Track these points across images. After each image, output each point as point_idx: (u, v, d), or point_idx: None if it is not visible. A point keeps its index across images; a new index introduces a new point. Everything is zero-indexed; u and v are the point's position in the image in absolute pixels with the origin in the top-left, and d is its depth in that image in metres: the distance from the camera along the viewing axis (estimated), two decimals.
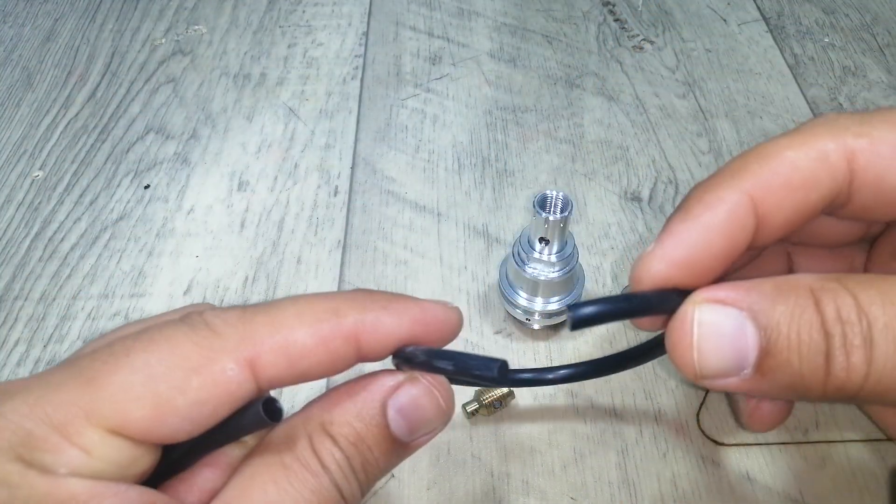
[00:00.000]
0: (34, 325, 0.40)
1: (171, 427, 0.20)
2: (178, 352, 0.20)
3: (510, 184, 0.47)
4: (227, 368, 0.20)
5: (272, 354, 0.21)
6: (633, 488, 0.33)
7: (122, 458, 0.20)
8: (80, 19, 0.61)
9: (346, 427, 0.22)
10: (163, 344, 0.20)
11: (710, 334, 0.21)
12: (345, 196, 0.46)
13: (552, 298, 0.37)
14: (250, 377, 0.20)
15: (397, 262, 0.42)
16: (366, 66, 0.56)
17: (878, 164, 0.22)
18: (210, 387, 0.20)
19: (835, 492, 0.33)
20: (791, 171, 0.22)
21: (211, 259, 0.43)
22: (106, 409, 0.19)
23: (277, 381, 0.21)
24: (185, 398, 0.20)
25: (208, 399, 0.20)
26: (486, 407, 0.35)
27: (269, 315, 0.21)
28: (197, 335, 0.21)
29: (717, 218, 0.22)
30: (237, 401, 0.21)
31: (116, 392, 0.19)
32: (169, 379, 0.20)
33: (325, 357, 0.21)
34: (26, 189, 0.47)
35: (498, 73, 0.55)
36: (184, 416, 0.20)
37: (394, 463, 0.23)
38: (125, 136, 0.51)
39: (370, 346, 0.22)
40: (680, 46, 0.57)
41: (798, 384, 0.20)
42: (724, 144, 0.49)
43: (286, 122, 0.51)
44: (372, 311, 0.22)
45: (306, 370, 0.21)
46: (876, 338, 0.19)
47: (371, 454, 0.22)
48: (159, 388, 0.19)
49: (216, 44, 0.58)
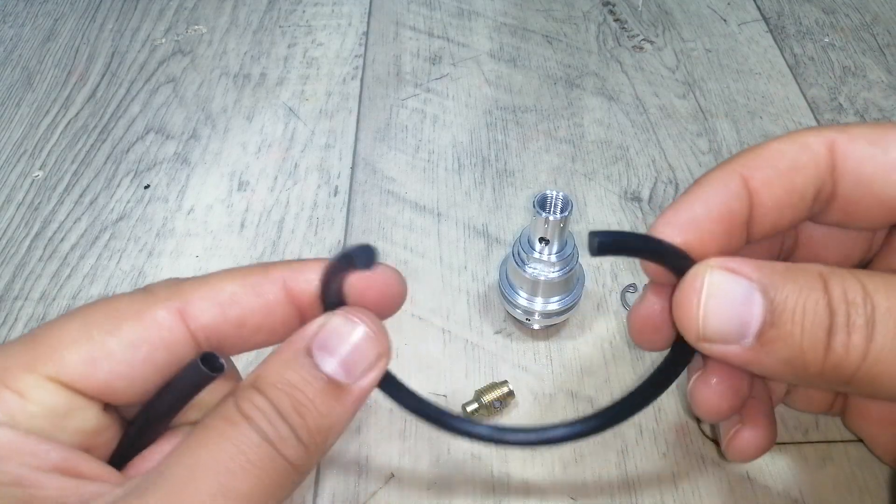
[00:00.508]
0: (34, 325, 0.40)
1: (107, 371, 0.21)
2: (113, 306, 0.22)
3: (510, 184, 0.47)
4: (158, 314, 0.22)
5: (202, 301, 0.22)
6: (633, 488, 0.33)
7: (57, 404, 0.20)
8: (80, 19, 0.61)
9: (273, 376, 0.21)
10: (101, 304, 0.22)
11: (717, 296, 0.22)
12: (345, 196, 0.46)
13: (552, 298, 0.37)
14: (181, 322, 0.22)
15: (397, 262, 0.42)
16: (366, 66, 0.56)
17: (857, 152, 0.24)
18: (141, 330, 0.21)
19: (835, 492, 0.33)
20: (776, 155, 0.24)
21: (211, 259, 0.43)
22: (42, 357, 0.20)
23: (212, 330, 0.22)
24: (117, 341, 0.21)
25: (140, 342, 0.21)
26: (486, 407, 0.35)
27: (201, 277, 0.23)
28: (132, 295, 0.22)
29: (712, 188, 0.24)
30: (171, 346, 0.22)
31: (53, 341, 0.21)
32: (101, 325, 0.21)
33: (256, 302, 0.23)
34: (26, 189, 0.47)
35: (498, 73, 0.55)
36: (118, 359, 0.21)
37: (339, 408, 0.22)
38: (125, 136, 0.51)
39: (299, 287, 0.23)
40: (680, 46, 0.57)
41: (797, 360, 0.21)
42: (724, 144, 0.49)
43: (286, 122, 0.51)
44: (296, 263, 0.24)
45: (240, 317, 0.23)
46: (878, 321, 0.20)
47: (303, 395, 0.21)
48: (92, 332, 0.21)
49: (216, 44, 0.58)
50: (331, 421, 0.21)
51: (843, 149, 0.24)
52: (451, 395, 0.36)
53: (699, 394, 0.26)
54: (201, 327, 0.22)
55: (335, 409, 0.22)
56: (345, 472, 0.33)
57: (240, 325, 0.23)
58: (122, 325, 0.21)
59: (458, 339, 0.39)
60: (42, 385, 0.20)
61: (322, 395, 0.21)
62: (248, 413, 0.20)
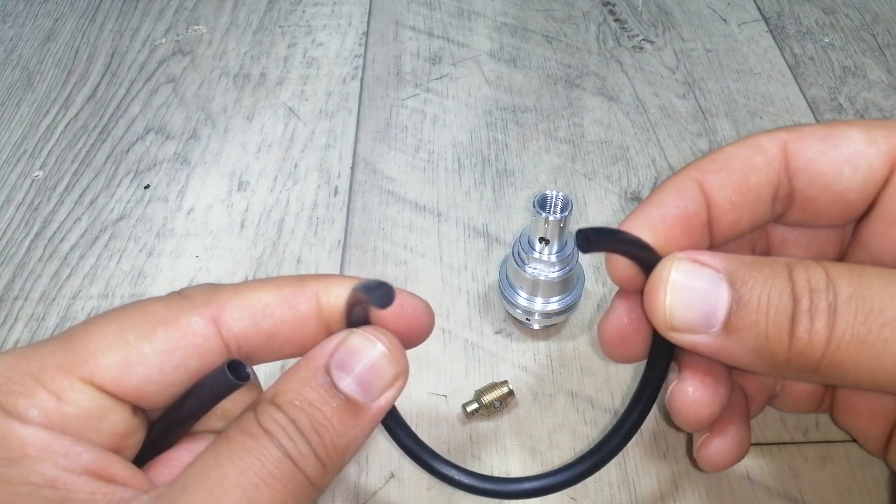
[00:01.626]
0: (34, 325, 0.40)
1: (141, 376, 0.21)
2: (149, 310, 0.22)
3: (510, 184, 0.47)
4: (192, 321, 0.22)
5: (236, 311, 0.22)
6: (633, 488, 0.33)
7: (91, 406, 0.20)
8: (80, 19, 0.61)
9: (291, 393, 0.21)
10: (136, 308, 0.22)
11: (683, 287, 0.22)
12: (345, 196, 0.46)
13: (552, 298, 0.37)
14: (215, 331, 0.22)
15: (397, 262, 0.42)
16: (366, 66, 0.56)
17: (808, 150, 0.24)
18: (176, 336, 0.21)
19: (835, 492, 0.33)
20: (730, 157, 0.25)
21: (211, 259, 0.43)
22: (79, 359, 0.21)
23: (244, 339, 0.22)
24: (151, 346, 0.21)
25: (174, 348, 0.21)
26: (486, 407, 0.35)
27: (236, 285, 0.23)
28: (168, 299, 0.22)
29: (667, 194, 0.25)
30: (204, 354, 0.22)
31: (89, 343, 0.21)
32: (137, 330, 0.21)
33: (289, 314, 0.23)
34: (26, 189, 0.47)
35: (498, 73, 0.55)
36: (152, 363, 0.21)
37: (356, 427, 0.22)
38: (125, 136, 0.51)
39: (330, 302, 0.23)
40: (680, 46, 0.57)
41: (763, 347, 0.21)
42: (724, 144, 0.49)
43: (286, 122, 0.51)
44: (331, 277, 0.24)
45: (273, 329, 0.23)
46: (840, 306, 0.20)
47: (321, 415, 0.21)
48: (128, 337, 0.21)
49: (216, 44, 0.58)
50: (348, 440, 0.22)
51: (794, 148, 0.25)
52: (451, 395, 0.36)
53: (677, 403, 0.25)
54: (234, 336, 0.22)
55: (352, 428, 0.22)
56: (345, 472, 0.33)
57: (271, 336, 0.23)
58: (158, 331, 0.21)
59: (458, 339, 0.39)
60: (78, 388, 0.20)
61: (339, 414, 0.21)
62: (268, 428, 0.20)
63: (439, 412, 0.35)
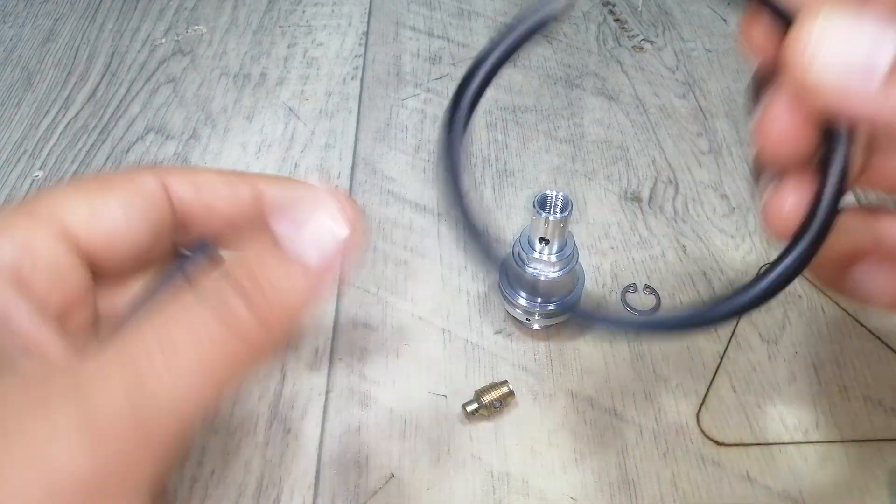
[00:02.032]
0: None
1: (109, 223, 0.23)
2: (103, 175, 0.25)
3: (510, 184, 0.47)
4: (145, 179, 0.24)
5: (180, 180, 0.25)
6: (633, 488, 0.33)
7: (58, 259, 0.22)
8: (80, 19, 0.61)
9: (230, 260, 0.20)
10: (90, 175, 0.25)
11: (839, 30, 0.18)
12: None
13: (552, 298, 0.37)
14: (162, 188, 0.24)
15: (397, 262, 0.42)
16: (366, 66, 0.56)
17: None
18: (133, 190, 0.24)
19: (835, 492, 0.33)
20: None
21: None
22: (49, 210, 0.22)
23: (186, 204, 0.25)
24: (114, 197, 0.23)
25: (134, 199, 0.24)
26: (486, 407, 0.35)
27: (180, 165, 0.26)
28: (118, 170, 0.25)
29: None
30: (160, 209, 0.24)
31: (57, 196, 0.23)
32: (98, 187, 0.24)
33: (226, 192, 0.25)
34: (26, 189, 0.47)
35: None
36: (117, 213, 0.23)
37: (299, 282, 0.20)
38: (125, 136, 0.51)
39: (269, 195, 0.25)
40: (680, 46, 0.57)
41: None
42: (724, 144, 0.49)
43: (286, 122, 0.51)
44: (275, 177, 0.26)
45: (211, 201, 0.25)
46: None
47: (258, 257, 0.20)
48: (90, 191, 0.23)
49: (216, 44, 0.58)
50: (290, 297, 0.20)
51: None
52: (451, 395, 0.36)
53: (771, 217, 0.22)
54: (177, 199, 0.25)
55: (295, 283, 0.20)
56: (345, 472, 0.33)
57: (208, 207, 0.25)
58: (116, 186, 0.23)
59: (458, 339, 0.39)
60: (47, 238, 0.21)
61: (278, 270, 0.20)
62: (202, 290, 0.19)
63: (439, 412, 0.35)
